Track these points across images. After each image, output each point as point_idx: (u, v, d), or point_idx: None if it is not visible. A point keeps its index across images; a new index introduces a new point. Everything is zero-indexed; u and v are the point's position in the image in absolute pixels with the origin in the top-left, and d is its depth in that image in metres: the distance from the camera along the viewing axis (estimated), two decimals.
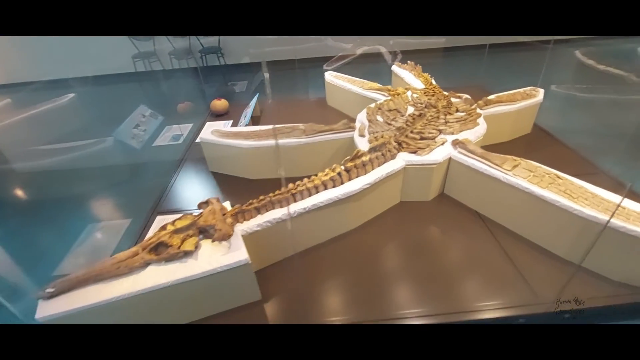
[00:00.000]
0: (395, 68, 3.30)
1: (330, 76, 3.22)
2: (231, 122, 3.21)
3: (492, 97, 2.48)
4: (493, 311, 1.44)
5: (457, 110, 2.31)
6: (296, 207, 1.60)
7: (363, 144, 2.05)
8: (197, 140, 2.87)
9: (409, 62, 3.20)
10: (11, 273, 1.67)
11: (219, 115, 3.36)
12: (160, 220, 2.03)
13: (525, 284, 1.53)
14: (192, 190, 2.31)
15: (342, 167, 1.76)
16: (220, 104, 3.30)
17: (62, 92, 3.18)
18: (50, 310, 1.23)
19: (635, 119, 2.82)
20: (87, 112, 3.30)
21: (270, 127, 2.31)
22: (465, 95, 2.50)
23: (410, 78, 3.00)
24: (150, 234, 1.93)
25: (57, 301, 1.25)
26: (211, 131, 2.37)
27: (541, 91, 2.58)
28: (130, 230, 2.02)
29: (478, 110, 2.29)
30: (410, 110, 2.36)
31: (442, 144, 1.96)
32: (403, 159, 1.90)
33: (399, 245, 1.77)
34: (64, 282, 1.26)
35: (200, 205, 1.50)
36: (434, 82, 2.84)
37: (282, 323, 1.43)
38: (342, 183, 1.72)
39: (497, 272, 1.59)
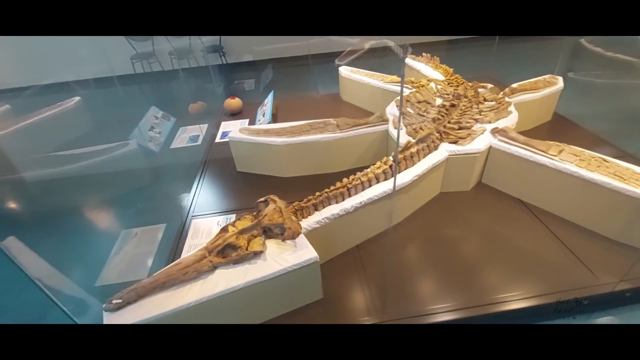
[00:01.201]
0: (409, 60, 3.29)
1: (346, 71, 3.18)
2: (247, 120, 3.14)
3: (515, 85, 2.51)
4: (556, 295, 1.45)
5: (485, 100, 2.32)
6: (352, 201, 1.57)
7: (401, 136, 2.03)
8: (226, 139, 2.79)
9: (424, 54, 3.20)
10: (55, 285, 1.57)
11: (233, 114, 3.27)
12: (196, 224, 1.96)
13: (583, 267, 1.55)
14: (223, 191, 2.24)
15: (392, 159, 1.73)
16: (234, 102, 3.22)
17: (62, 96, 3.03)
18: (118, 322, 1.16)
19: None
20: (95, 115, 3.15)
21: (301, 122, 2.26)
22: (490, 85, 2.52)
23: (428, 70, 3.00)
24: (190, 237, 1.87)
25: (124, 313, 1.18)
26: (239, 129, 2.30)
27: (560, 79, 2.63)
28: (166, 235, 1.94)
29: (507, 99, 2.31)
30: (439, 101, 2.36)
31: (482, 133, 1.96)
32: (445, 149, 1.90)
33: (448, 236, 1.76)
34: (131, 292, 1.19)
35: (258, 205, 1.45)
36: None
37: (344, 323, 1.40)
38: (392, 175, 1.70)
39: (553, 256, 1.60)
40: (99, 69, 4.07)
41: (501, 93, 2.41)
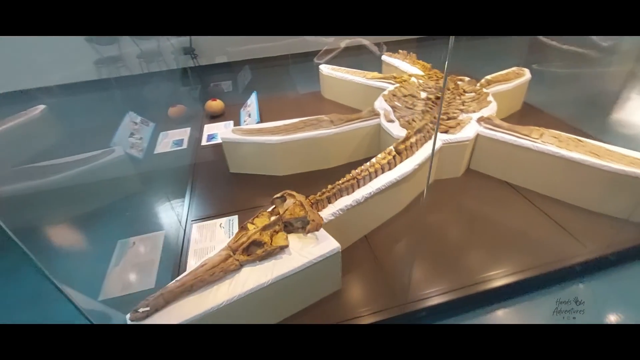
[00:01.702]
0: (385, 57, 3.41)
1: (327, 69, 3.23)
2: (232, 122, 3.08)
3: (489, 77, 2.69)
4: (551, 264, 1.59)
5: (465, 92, 2.47)
6: (362, 192, 1.61)
7: (395, 129, 2.11)
8: (214, 141, 2.75)
9: (400, 51, 3.33)
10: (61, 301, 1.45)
11: (214, 117, 3.20)
12: (198, 228, 1.91)
13: (571, 237, 1.71)
14: (219, 193, 2.20)
15: (394, 150, 1.80)
16: (216, 104, 3.15)
17: (23, 105, 2.80)
18: None
19: (607, 88, 3.26)
20: (63, 124, 2.94)
21: (294, 120, 2.28)
22: (467, 78, 2.69)
23: (405, 66, 3.13)
24: (193, 242, 1.82)
25: (152, 320, 1.14)
26: (231, 130, 2.27)
27: (527, 70, 2.86)
28: (167, 242, 1.86)
29: (484, 90, 2.47)
30: (423, 94, 2.47)
31: (469, 122, 2.09)
32: (439, 138, 2.00)
33: (449, 219, 1.87)
34: (158, 298, 1.15)
35: (274, 201, 1.45)
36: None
37: (366, 311, 1.44)
38: (395, 165, 1.77)
39: (543, 230, 1.75)
40: (60, 76, 3.79)
41: (478, 85, 2.58)
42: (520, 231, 1.76)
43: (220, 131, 2.95)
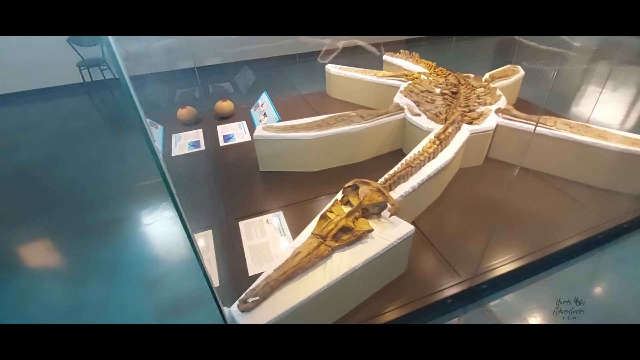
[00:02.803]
0: (387, 57, 3.57)
1: (334, 68, 3.32)
2: (244, 122, 3.07)
3: (491, 73, 2.93)
4: (578, 236, 1.79)
5: (474, 87, 2.67)
6: (417, 179, 1.72)
7: (423, 121, 2.24)
8: (231, 141, 2.75)
9: (401, 50, 3.50)
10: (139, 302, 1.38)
11: (223, 118, 3.16)
12: (245, 225, 1.91)
13: (588, 210, 1.94)
14: (256, 191, 2.20)
15: (437, 140, 1.93)
16: (227, 105, 3.12)
17: (7, 110, 2.61)
18: (256, 320, 1.13)
19: (580, 83, 3.64)
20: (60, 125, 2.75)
21: (323, 117, 2.34)
22: (472, 75, 2.90)
23: (409, 65, 3.30)
24: (245, 239, 1.83)
25: (261, 309, 1.15)
26: (262, 128, 2.28)
27: (520, 67, 3.14)
28: (216, 240, 1.84)
29: (491, 85, 2.69)
30: (437, 90, 2.64)
31: (489, 114, 2.28)
32: (466, 129, 2.16)
33: (481, 204, 2.02)
34: (265, 287, 1.16)
35: (345, 190, 1.51)
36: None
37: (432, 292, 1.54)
38: (438, 154, 1.90)
39: (564, 207, 1.97)
40: (42, 79, 3.51)
41: (483, 80, 2.80)
42: (549, 209, 1.95)
43: (235, 131, 2.93)
